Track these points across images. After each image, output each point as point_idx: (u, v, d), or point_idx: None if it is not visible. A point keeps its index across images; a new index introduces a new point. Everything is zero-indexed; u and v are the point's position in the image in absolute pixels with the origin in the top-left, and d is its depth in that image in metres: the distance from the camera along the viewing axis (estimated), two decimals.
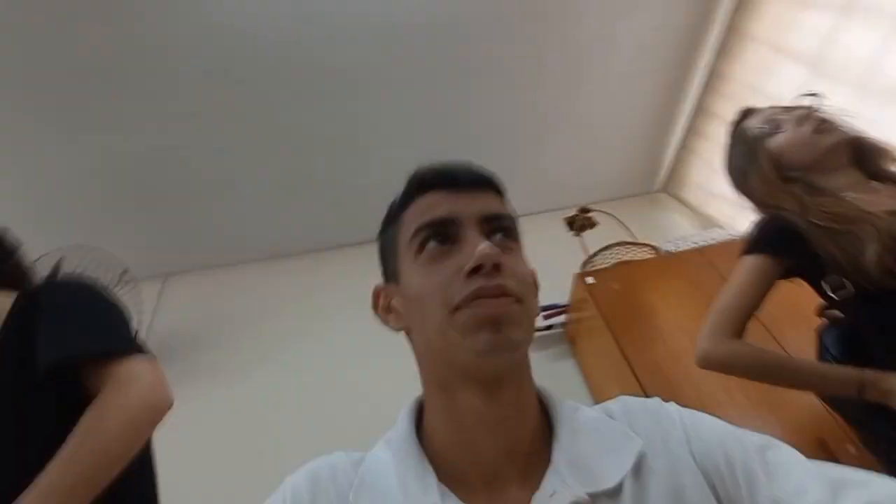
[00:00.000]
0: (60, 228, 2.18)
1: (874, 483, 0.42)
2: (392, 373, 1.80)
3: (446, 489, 0.44)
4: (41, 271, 1.95)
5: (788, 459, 0.46)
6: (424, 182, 0.52)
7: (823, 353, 1.07)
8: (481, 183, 0.52)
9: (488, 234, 0.49)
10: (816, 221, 0.87)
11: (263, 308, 2.38)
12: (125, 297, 2.05)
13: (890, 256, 0.79)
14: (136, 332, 0.88)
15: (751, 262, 0.95)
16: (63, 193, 2.20)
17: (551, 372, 1.93)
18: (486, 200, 0.51)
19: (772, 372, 0.93)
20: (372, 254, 0.59)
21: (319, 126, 2.24)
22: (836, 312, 1.05)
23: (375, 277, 0.58)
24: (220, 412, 1.96)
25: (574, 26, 2.16)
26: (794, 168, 0.95)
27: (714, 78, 2.42)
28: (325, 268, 2.54)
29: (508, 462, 0.46)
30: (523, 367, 0.49)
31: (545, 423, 0.50)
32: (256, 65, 2.01)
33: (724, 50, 2.32)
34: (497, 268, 0.45)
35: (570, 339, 2.05)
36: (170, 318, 2.35)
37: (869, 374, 0.86)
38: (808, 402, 1.35)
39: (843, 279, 0.87)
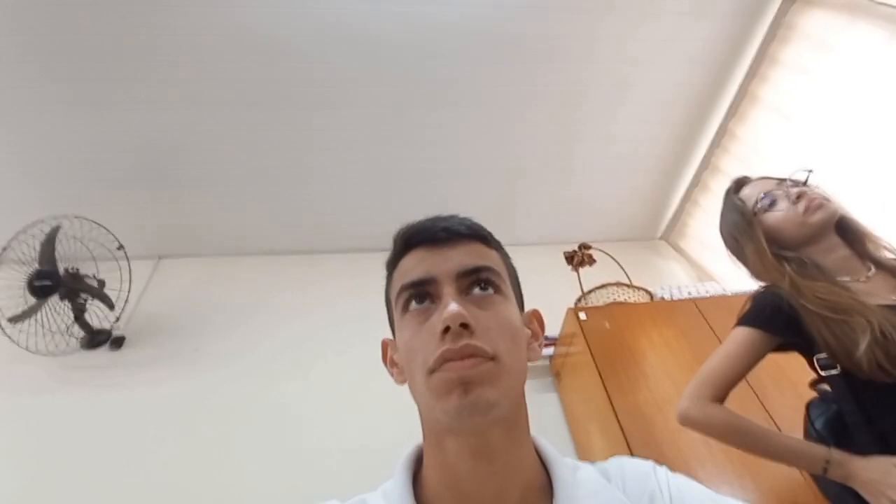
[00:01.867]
0: (66, 196, 2.19)
1: None
2: (365, 380, 1.80)
3: None
4: (38, 234, 1.96)
5: None
6: (406, 241, 0.53)
7: (808, 426, 1.08)
8: (460, 236, 0.52)
9: (466, 289, 0.49)
10: (809, 306, 0.89)
11: (248, 301, 2.37)
12: (116, 271, 2.04)
13: (881, 352, 0.81)
14: None
15: (743, 334, 0.98)
16: (75, 164, 2.20)
17: (532, 402, 1.89)
18: (464, 254, 0.51)
19: (745, 440, 0.96)
20: (356, 262, 0.60)
21: (329, 132, 2.27)
22: (826, 387, 1.07)
23: (357, 285, 0.58)
24: (190, 397, 1.93)
25: (592, 68, 2.23)
26: (788, 246, 0.98)
27: (724, 136, 2.48)
28: (312, 269, 2.56)
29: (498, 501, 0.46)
30: (511, 421, 0.48)
31: (543, 479, 0.50)
32: (278, 64, 2.04)
33: (736, 112, 2.38)
34: (465, 327, 0.45)
35: (555, 372, 2.04)
36: (157, 299, 2.33)
37: (836, 454, 0.88)
38: (786, 470, 1.35)
39: (833, 360, 0.89)
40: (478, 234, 0.54)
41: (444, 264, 0.50)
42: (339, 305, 2.30)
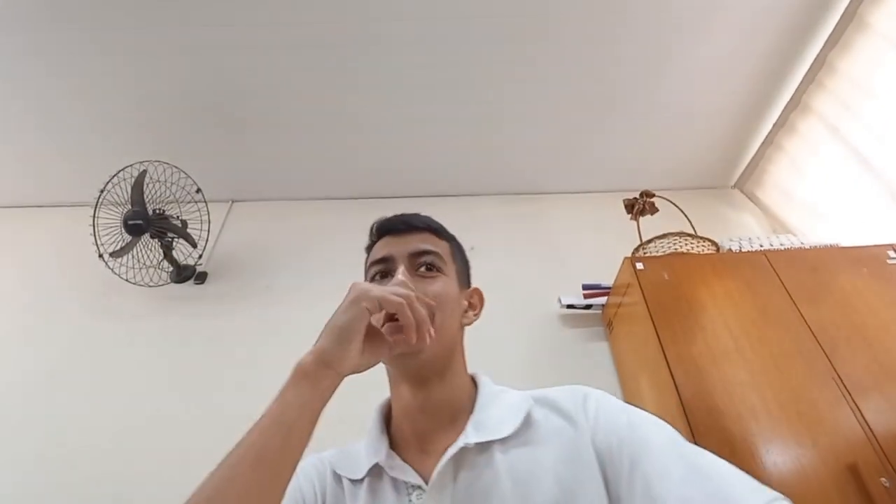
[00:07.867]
0: (149, 142, 2.36)
1: (727, 478, 0.48)
2: None
3: (392, 452, 0.62)
4: (129, 179, 2.14)
5: (660, 445, 0.52)
6: (378, 231, 0.71)
7: None
8: (416, 228, 0.69)
9: (416, 267, 0.65)
10: None
11: (314, 242, 2.50)
12: (196, 212, 2.22)
13: None
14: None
15: None
16: (157, 111, 2.33)
17: (583, 351, 1.93)
18: (416, 241, 0.67)
19: None
20: (410, 206, 0.75)
21: (396, 79, 2.23)
22: None
23: None
24: (260, 329, 2.13)
25: None
26: None
27: (820, 69, 2.20)
28: (368, 213, 2.62)
29: (434, 422, 0.63)
30: (444, 365, 0.64)
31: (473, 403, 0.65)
32: (352, 10, 2.00)
33: (839, 40, 2.09)
34: None
35: (606, 322, 2.03)
36: (232, 239, 2.53)
37: None
38: (847, 425, 1.30)
39: None
40: (430, 227, 0.70)
41: (400, 247, 0.67)
42: None
